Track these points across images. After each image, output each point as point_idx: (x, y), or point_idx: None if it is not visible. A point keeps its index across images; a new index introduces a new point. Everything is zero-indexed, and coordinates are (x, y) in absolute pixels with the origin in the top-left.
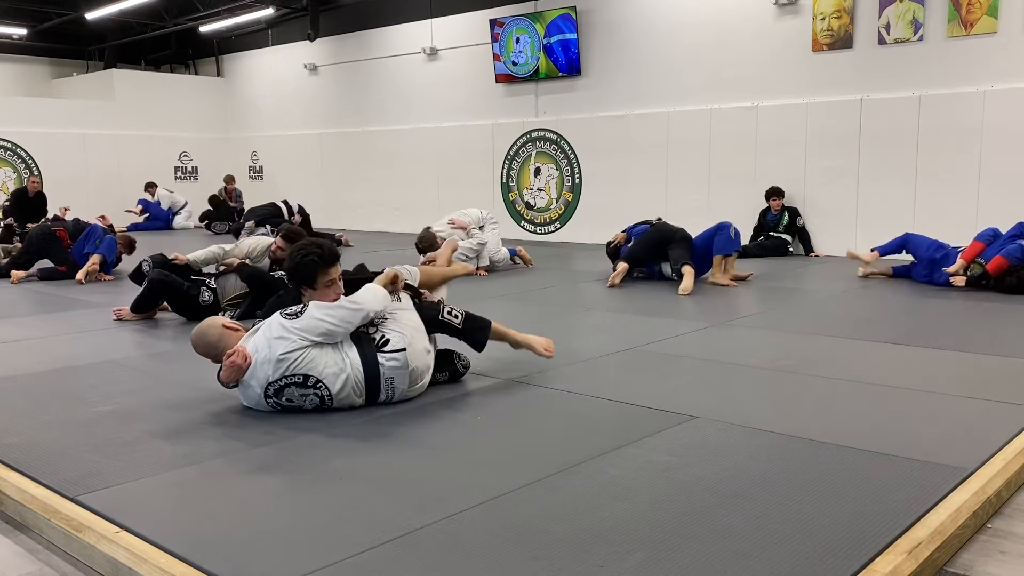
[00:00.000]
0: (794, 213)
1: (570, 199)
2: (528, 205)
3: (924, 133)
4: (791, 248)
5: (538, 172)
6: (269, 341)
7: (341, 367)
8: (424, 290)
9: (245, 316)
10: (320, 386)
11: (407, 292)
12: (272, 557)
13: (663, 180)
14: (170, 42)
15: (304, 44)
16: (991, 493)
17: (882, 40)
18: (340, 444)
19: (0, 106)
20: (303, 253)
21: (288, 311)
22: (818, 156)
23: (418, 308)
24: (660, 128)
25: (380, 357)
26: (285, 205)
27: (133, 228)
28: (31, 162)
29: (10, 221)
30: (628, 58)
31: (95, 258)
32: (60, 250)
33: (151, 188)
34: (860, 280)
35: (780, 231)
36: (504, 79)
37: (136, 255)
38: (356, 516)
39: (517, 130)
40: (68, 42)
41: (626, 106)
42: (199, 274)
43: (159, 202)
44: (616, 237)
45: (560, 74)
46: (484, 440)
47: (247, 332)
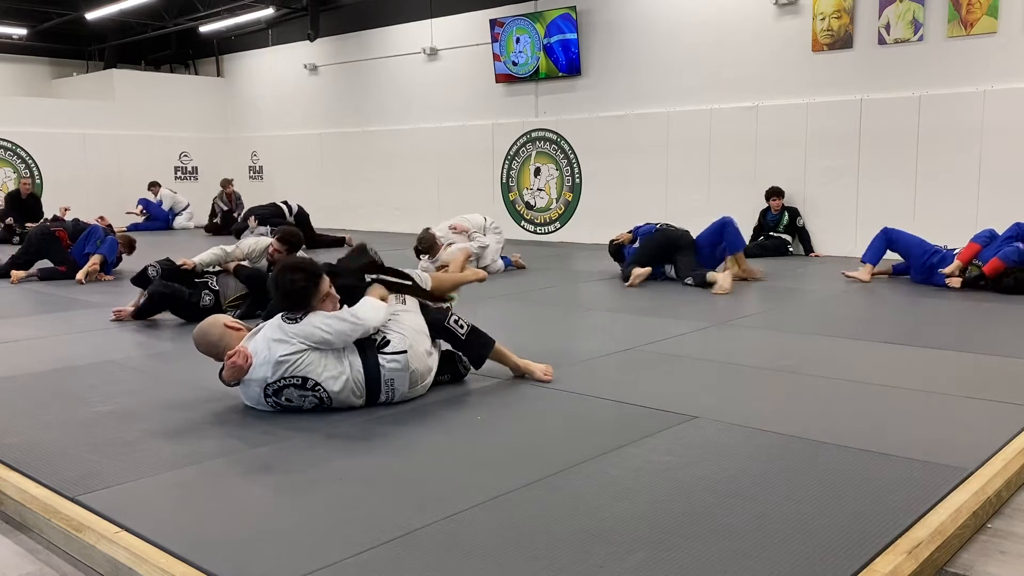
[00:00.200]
0: (794, 213)
1: (570, 199)
2: (528, 205)
3: (924, 133)
4: (791, 248)
5: (538, 172)
6: (269, 343)
7: (341, 369)
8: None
9: (246, 316)
10: (319, 388)
11: (416, 296)
12: (272, 557)
13: (663, 180)
14: (170, 42)
15: (304, 44)
16: (991, 493)
17: (882, 40)
18: (340, 444)
19: (0, 106)
20: (290, 281)
21: (289, 314)
22: (818, 156)
23: (424, 311)
24: (660, 128)
25: (381, 359)
26: (285, 206)
27: (133, 228)
28: (31, 162)
29: (10, 221)
30: (628, 58)
31: (96, 258)
32: (60, 250)
33: (154, 187)
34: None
35: (780, 231)
36: (504, 79)
37: (136, 255)
38: (356, 516)
39: (517, 130)
40: (68, 42)
41: (626, 106)
42: (202, 275)
43: (161, 202)
44: (621, 237)
45: (560, 74)
46: (484, 440)
47: (249, 332)
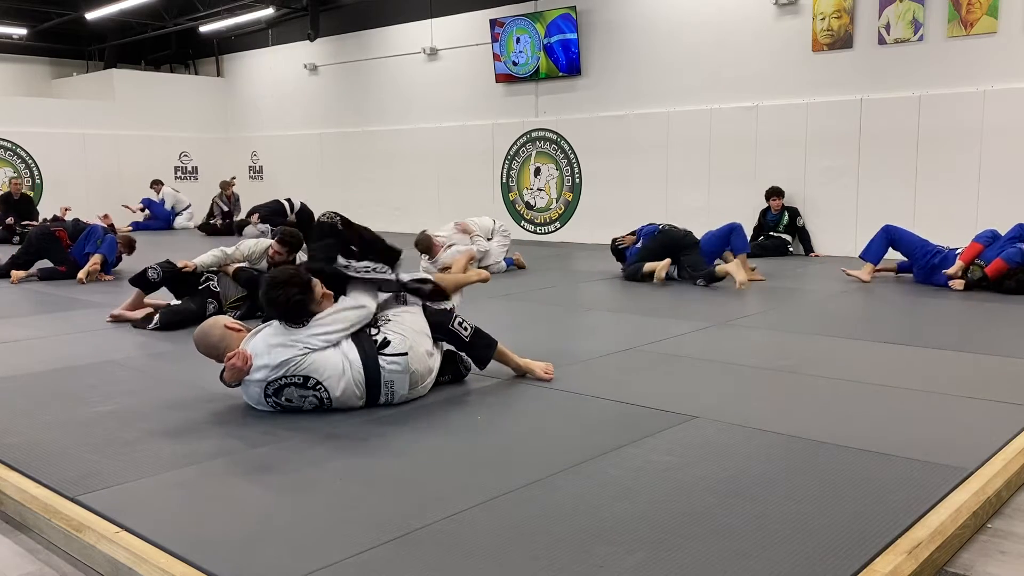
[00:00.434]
0: (794, 213)
1: (570, 199)
2: (528, 205)
3: (924, 133)
4: (791, 248)
5: (538, 172)
6: (269, 345)
7: (341, 370)
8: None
9: (246, 317)
10: (320, 388)
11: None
12: (272, 557)
13: (663, 180)
14: (170, 42)
15: (304, 44)
16: (991, 493)
17: (882, 40)
18: (340, 444)
19: (0, 106)
20: (284, 297)
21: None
22: (818, 156)
23: (426, 312)
24: (660, 128)
25: (381, 359)
26: (288, 203)
27: (134, 227)
28: (31, 162)
29: (10, 220)
30: (628, 58)
31: (96, 258)
32: (60, 250)
33: (157, 185)
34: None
35: (780, 231)
36: (504, 79)
37: (136, 256)
38: (356, 516)
39: (517, 130)
40: (68, 42)
41: (626, 106)
42: (202, 276)
43: (163, 200)
44: (624, 239)
45: (560, 74)
46: (484, 440)
47: (249, 333)
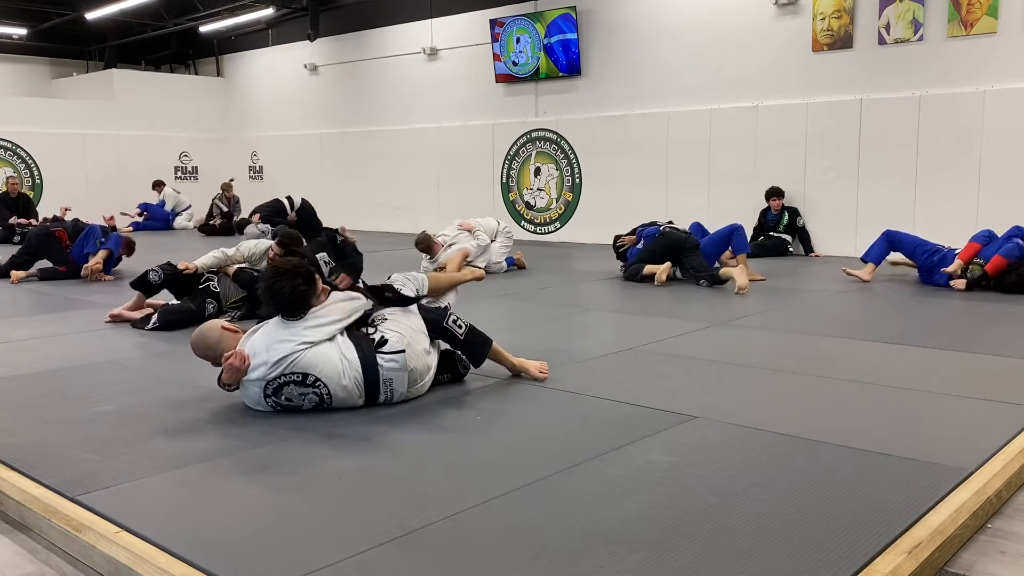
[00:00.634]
0: (794, 213)
1: (570, 199)
2: (528, 205)
3: (924, 133)
4: (791, 248)
5: (538, 172)
6: (267, 342)
7: (340, 368)
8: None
9: (246, 318)
10: (319, 384)
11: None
12: (272, 557)
13: (663, 180)
14: (170, 42)
15: (304, 44)
16: (991, 493)
17: (882, 40)
18: (340, 444)
19: (0, 106)
20: (289, 287)
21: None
22: (818, 156)
23: (421, 310)
24: (660, 128)
25: (379, 358)
26: (288, 201)
27: (134, 227)
28: (31, 162)
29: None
30: (628, 58)
31: (103, 253)
32: (59, 250)
33: (159, 187)
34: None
35: (780, 231)
36: (504, 79)
37: (137, 256)
38: (356, 516)
39: (517, 130)
40: (68, 42)
41: (626, 106)
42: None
43: (164, 201)
44: (625, 240)
45: (560, 74)
46: (484, 440)
47: (245, 334)
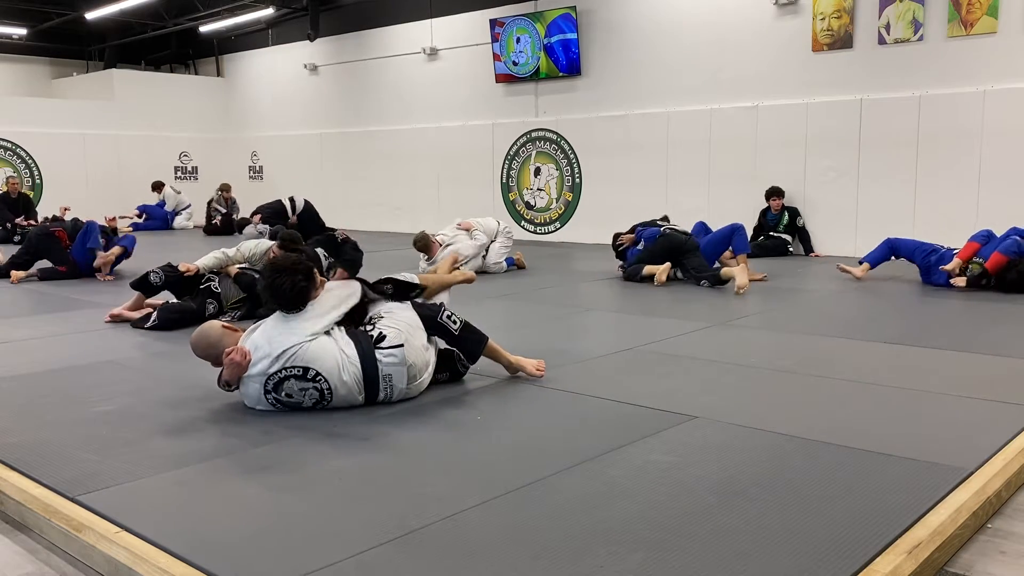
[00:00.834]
0: (794, 213)
1: (570, 199)
2: (528, 205)
3: (924, 133)
4: (791, 248)
5: (538, 172)
6: (269, 336)
7: (339, 364)
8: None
9: (247, 318)
10: (320, 379)
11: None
12: (272, 557)
13: (663, 180)
14: (170, 42)
15: (304, 44)
16: (991, 493)
17: (882, 40)
18: (340, 443)
19: (0, 106)
20: (290, 283)
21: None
22: (818, 156)
23: (415, 306)
24: (660, 128)
25: (378, 353)
26: (290, 202)
27: (134, 227)
28: (31, 162)
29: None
30: (628, 58)
31: (117, 249)
32: (60, 250)
33: (158, 188)
34: (858, 280)
35: (780, 231)
36: (504, 79)
37: (137, 256)
38: (356, 516)
39: (517, 130)
40: (68, 42)
41: (626, 106)
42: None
43: (164, 202)
44: (624, 239)
45: (560, 74)
46: (484, 440)
47: (245, 332)
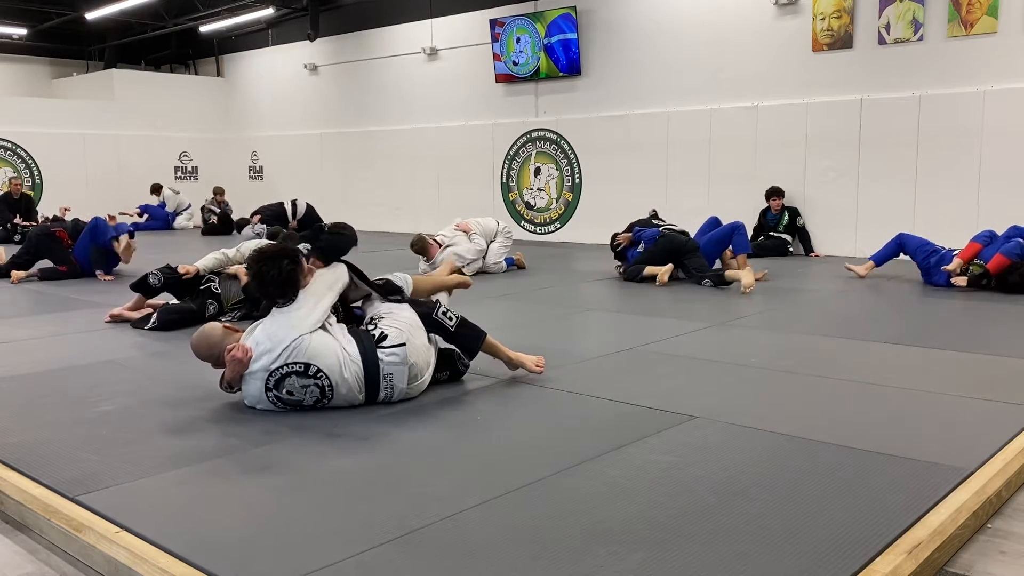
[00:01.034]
0: (794, 213)
1: (570, 199)
2: (528, 205)
3: (924, 133)
4: (791, 248)
5: (538, 172)
6: (269, 332)
7: (340, 361)
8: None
9: (247, 318)
10: (320, 376)
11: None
12: (272, 557)
13: (663, 180)
14: (170, 42)
15: (304, 44)
16: (991, 493)
17: (882, 40)
18: (340, 443)
19: (0, 106)
20: (277, 269)
21: (282, 302)
22: (818, 156)
23: (412, 304)
24: (660, 128)
25: (380, 352)
26: (292, 205)
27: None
28: (31, 162)
29: (19, 220)
30: (628, 58)
31: (124, 237)
32: (60, 250)
33: (157, 191)
34: (860, 280)
35: (780, 231)
36: (504, 79)
37: (137, 256)
38: (356, 516)
39: (517, 130)
40: (68, 42)
41: (626, 106)
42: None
43: (163, 203)
44: (621, 239)
45: (560, 74)
46: (484, 440)
47: (245, 332)
